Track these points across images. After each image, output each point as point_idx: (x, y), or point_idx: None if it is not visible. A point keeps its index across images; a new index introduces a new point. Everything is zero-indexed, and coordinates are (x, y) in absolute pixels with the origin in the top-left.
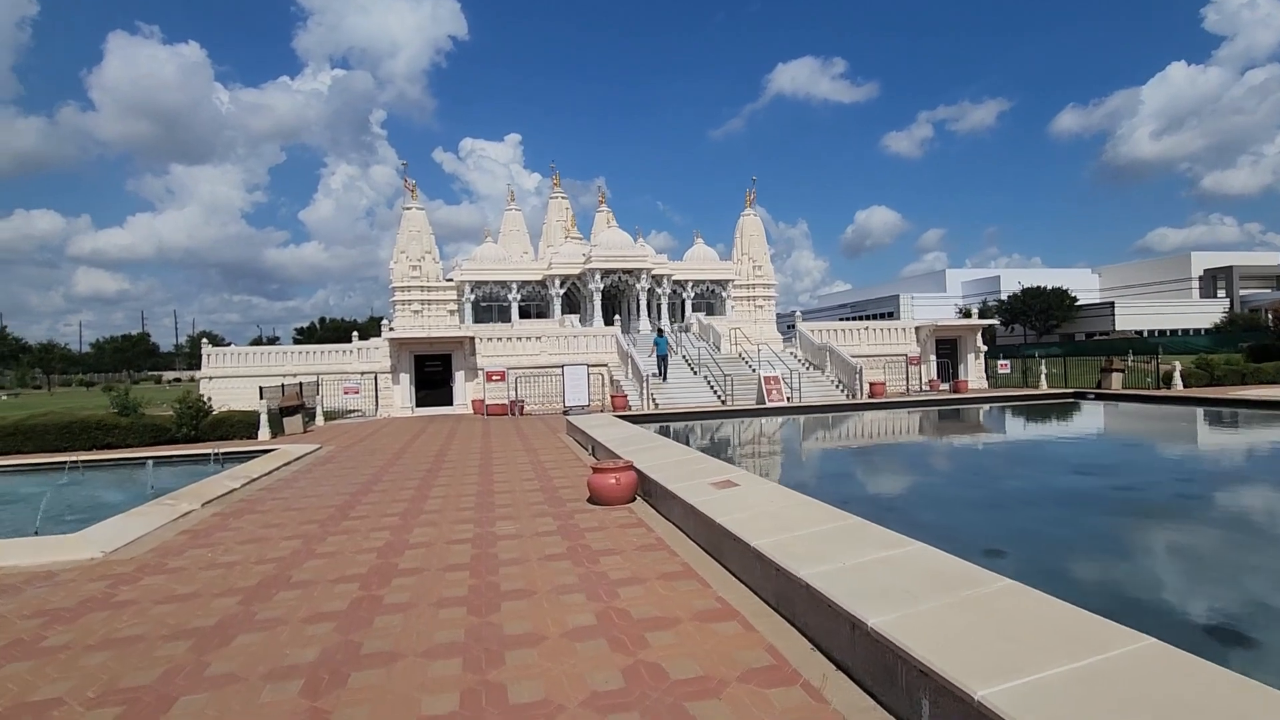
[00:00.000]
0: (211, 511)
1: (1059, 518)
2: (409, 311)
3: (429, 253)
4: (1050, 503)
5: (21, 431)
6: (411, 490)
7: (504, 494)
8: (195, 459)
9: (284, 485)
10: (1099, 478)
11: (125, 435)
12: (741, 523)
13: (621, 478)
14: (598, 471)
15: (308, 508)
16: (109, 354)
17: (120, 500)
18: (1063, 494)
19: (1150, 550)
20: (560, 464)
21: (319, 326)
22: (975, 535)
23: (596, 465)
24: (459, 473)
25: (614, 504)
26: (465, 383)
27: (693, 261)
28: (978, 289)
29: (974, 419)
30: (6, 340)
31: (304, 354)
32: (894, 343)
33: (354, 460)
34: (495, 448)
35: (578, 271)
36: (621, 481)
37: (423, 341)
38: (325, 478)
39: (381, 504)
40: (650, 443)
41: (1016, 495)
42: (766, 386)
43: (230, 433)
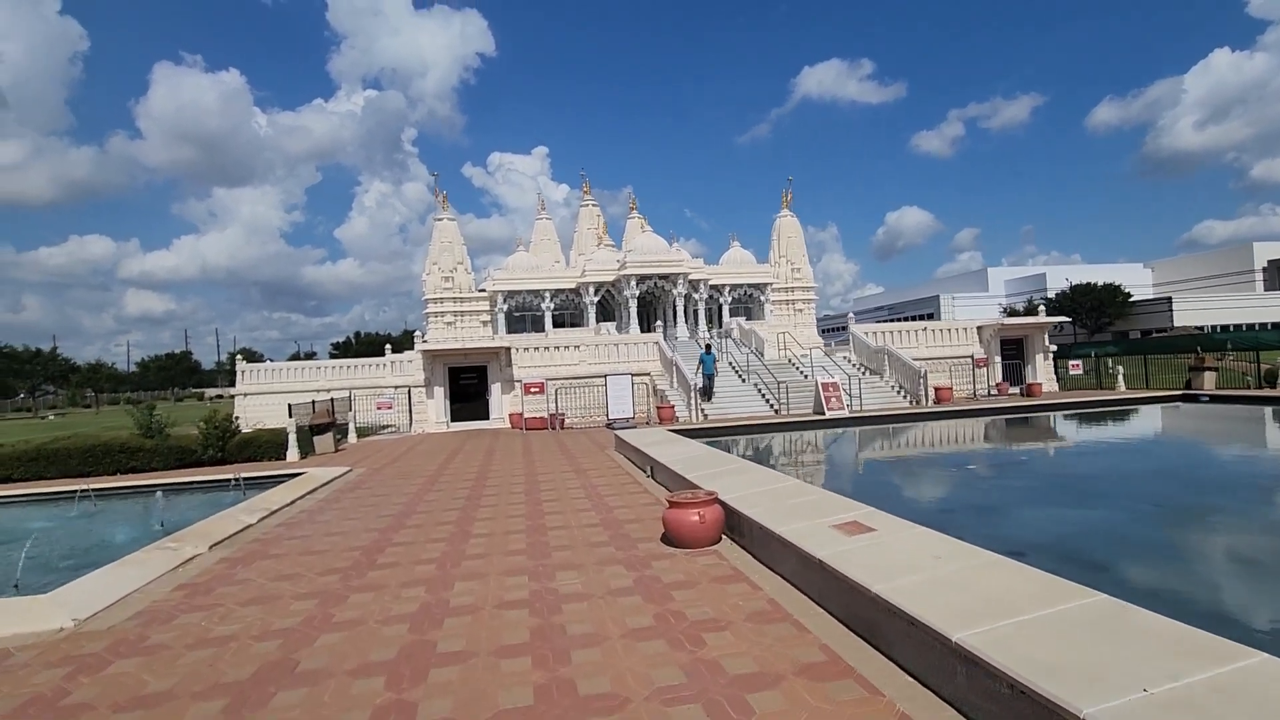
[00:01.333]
0: (218, 556)
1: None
2: (442, 323)
3: (461, 263)
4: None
5: (44, 456)
6: (450, 526)
7: (559, 530)
8: (216, 485)
9: (306, 519)
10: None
11: (150, 458)
12: (910, 594)
13: (706, 514)
14: (676, 506)
15: (329, 550)
16: (154, 372)
17: (125, 540)
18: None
19: None
20: (616, 488)
21: (354, 341)
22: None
23: (674, 498)
24: (503, 501)
25: (697, 547)
26: (501, 395)
27: (729, 265)
28: (1022, 287)
29: (1083, 426)
30: (57, 361)
31: (338, 369)
32: (954, 344)
33: (386, 486)
34: (540, 468)
35: (612, 278)
36: (707, 519)
37: (457, 353)
38: (353, 508)
39: (415, 545)
40: (723, 464)
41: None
42: (825, 394)
43: (258, 454)
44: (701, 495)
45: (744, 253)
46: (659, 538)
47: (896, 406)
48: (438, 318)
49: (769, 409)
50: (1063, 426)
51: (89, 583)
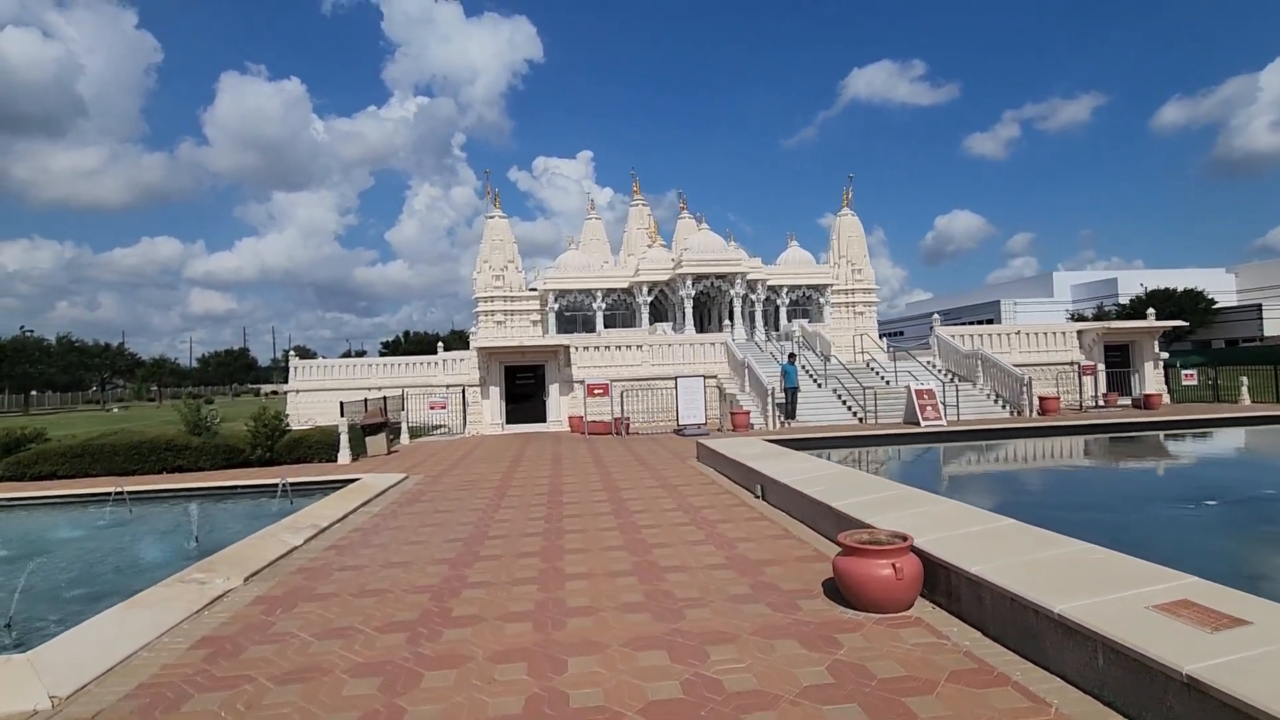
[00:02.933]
0: (254, 594)
1: None
2: (492, 322)
3: (511, 262)
4: None
5: (89, 453)
6: (535, 560)
7: (677, 572)
8: (261, 490)
9: (360, 540)
10: None
11: (196, 457)
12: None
13: (904, 567)
14: (856, 554)
15: (390, 591)
16: (213, 368)
17: (153, 559)
18: None
19: None
20: (723, 511)
21: (403, 340)
22: None
23: (851, 541)
24: (590, 525)
25: (887, 611)
26: (560, 397)
27: (787, 265)
28: (1091, 293)
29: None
30: (124, 356)
31: (389, 366)
32: (1052, 349)
33: (448, 498)
34: (620, 481)
35: (666, 278)
36: (905, 574)
37: (514, 351)
38: (414, 528)
39: (497, 589)
40: (872, 488)
41: None
42: (919, 402)
43: (307, 454)
44: (884, 536)
45: (802, 253)
46: (819, 590)
47: (997, 418)
48: (488, 316)
49: (851, 417)
50: (1250, 446)
51: (87, 633)
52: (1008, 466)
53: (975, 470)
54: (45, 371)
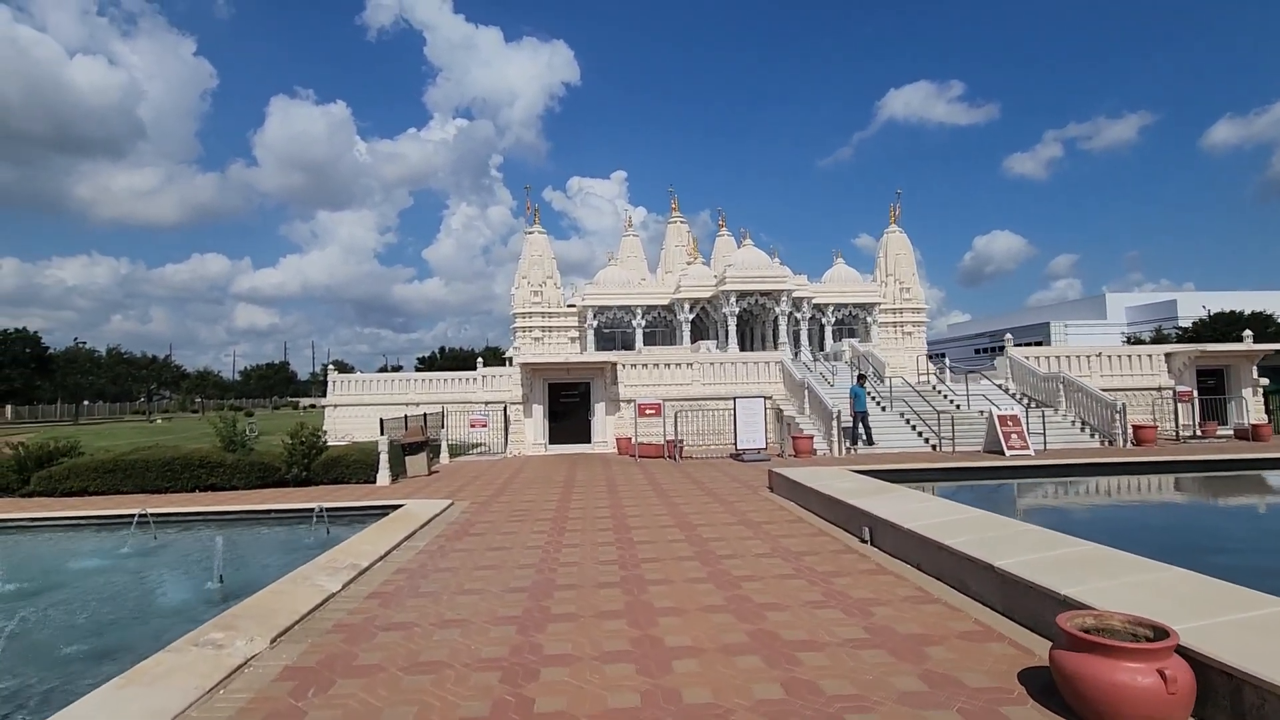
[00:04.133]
0: (280, 665)
1: None
2: (530, 339)
3: (550, 278)
4: None
5: (121, 468)
6: (621, 621)
7: (809, 650)
8: (296, 516)
9: (407, 587)
10: None
11: (230, 475)
12: None
13: (1176, 676)
14: (1095, 652)
15: (449, 665)
16: (255, 381)
17: (171, 602)
18: None
19: None
20: (831, 561)
21: (439, 356)
22: None
23: (1083, 632)
24: (675, 573)
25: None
26: (606, 416)
27: (833, 284)
28: (1148, 315)
29: None
30: (170, 369)
31: (427, 382)
32: (1136, 373)
33: (500, 532)
34: (692, 516)
35: (709, 294)
36: (1178, 685)
37: (559, 368)
38: (467, 572)
39: (583, 666)
40: (1038, 543)
41: None
42: (1004, 429)
43: (345, 474)
44: (1119, 624)
45: (849, 270)
46: (1020, 689)
47: (1087, 448)
48: (525, 333)
49: (923, 444)
50: None
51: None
52: (1170, 511)
53: (1132, 516)
54: (95, 382)
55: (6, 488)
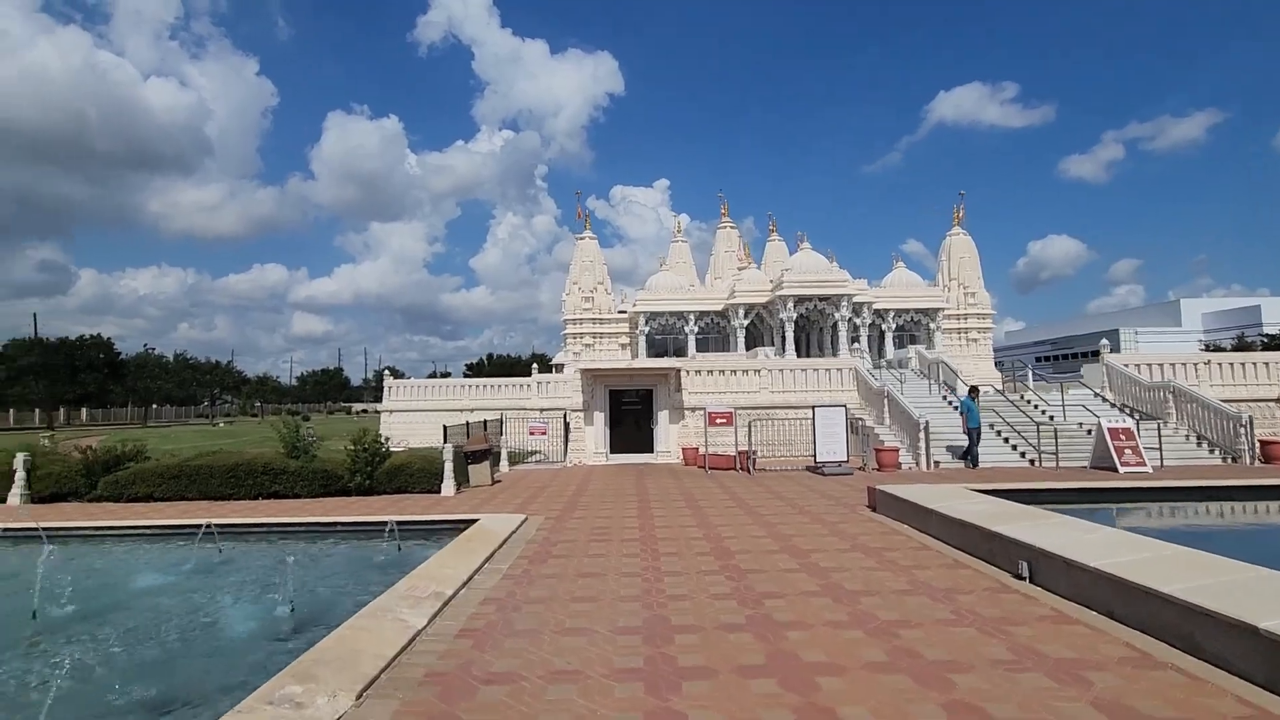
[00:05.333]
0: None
1: None
2: (580, 345)
3: (601, 283)
4: None
5: (186, 474)
6: (771, 682)
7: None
8: (365, 531)
9: (499, 624)
10: None
11: (293, 483)
12: None
13: None
14: None
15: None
16: (310, 387)
17: (237, 635)
18: None
19: None
20: (991, 603)
21: (487, 363)
22: None
23: None
24: (808, 612)
25: None
26: (669, 425)
27: (893, 288)
28: (1228, 321)
29: None
30: (231, 374)
31: (481, 388)
32: (1251, 382)
33: (587, 555)
34: (796, 540)
35: (764, 300)
36: None
37: (621, 374)
38: (562, 605)
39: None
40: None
41: None
42: (1116, 443)
43: (408, 484)
44: None
45: (910, 274)
46: None
47: (1208, 464)
48: (576, 339)
49: (1018, 458)
50: None
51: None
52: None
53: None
54: (163, 387)
55: (74, 492)
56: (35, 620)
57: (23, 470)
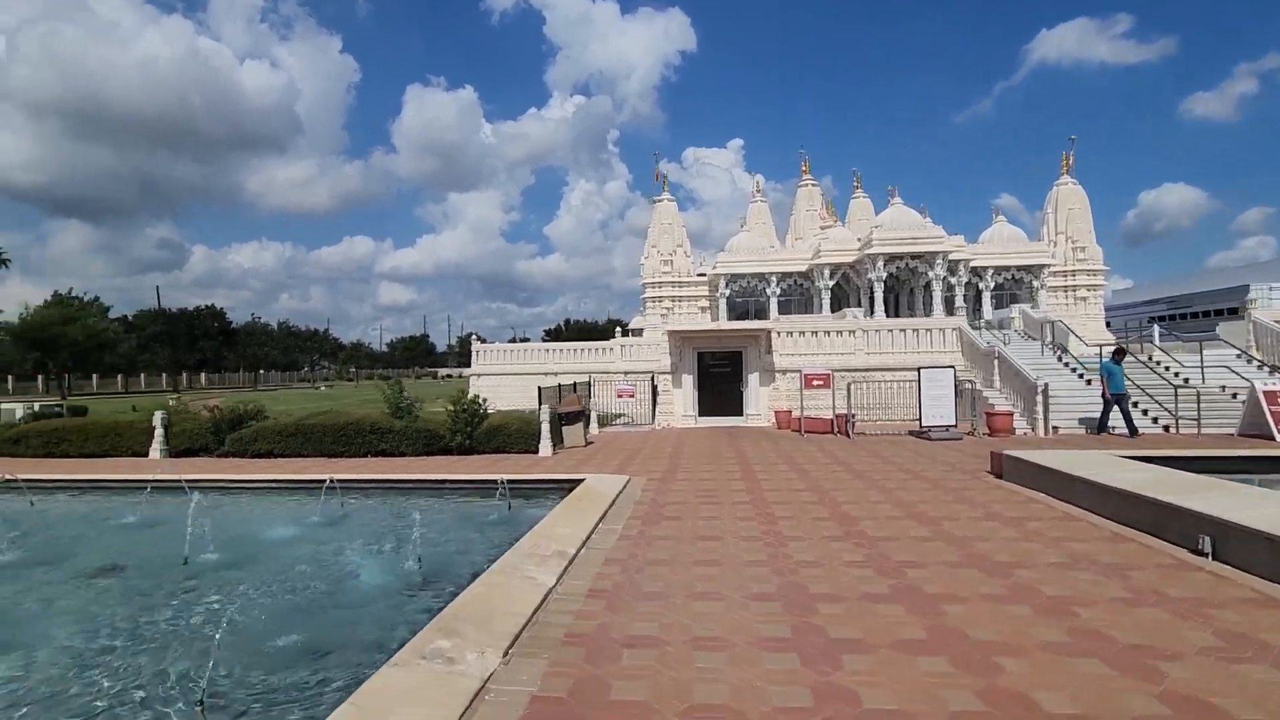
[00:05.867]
0: (526, 694)
1: None
2: (659, 309)
3: (680, 246)
4: None
5: (302, 432)
6: (939, 659)
7: None
8: (475, 488)
9: (626, 586)
10: None
11: (398, 441)
12: None
13: None
14: None
15: (738, 715)
16: (399, 352)
17: (373, 586)
18: None
19: None
20: (1176, 580)
21: (564, 328)
22: None
23: None
24: (957, 584)
25: None
26: (760, 388)
27: (993, 244)
28: None
29: None
30: (328, 341)
31: (566, 352)
32: None
33: (700, 517)
34: (923, 507)
35: (852, 259)
36: None
37: (709, 335)
38: (685, 569)
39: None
40: None
41: None
42: (1273, 409)
43: (506, 444)
44: None
45: (1011, 229)
46: None
47: None
48: (655, 304)
49: (1150, 424)
50: None
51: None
52: None
53: None
54: (269, 353)
55: (205, 447)
56: (186, 565)
57: (161, 427)
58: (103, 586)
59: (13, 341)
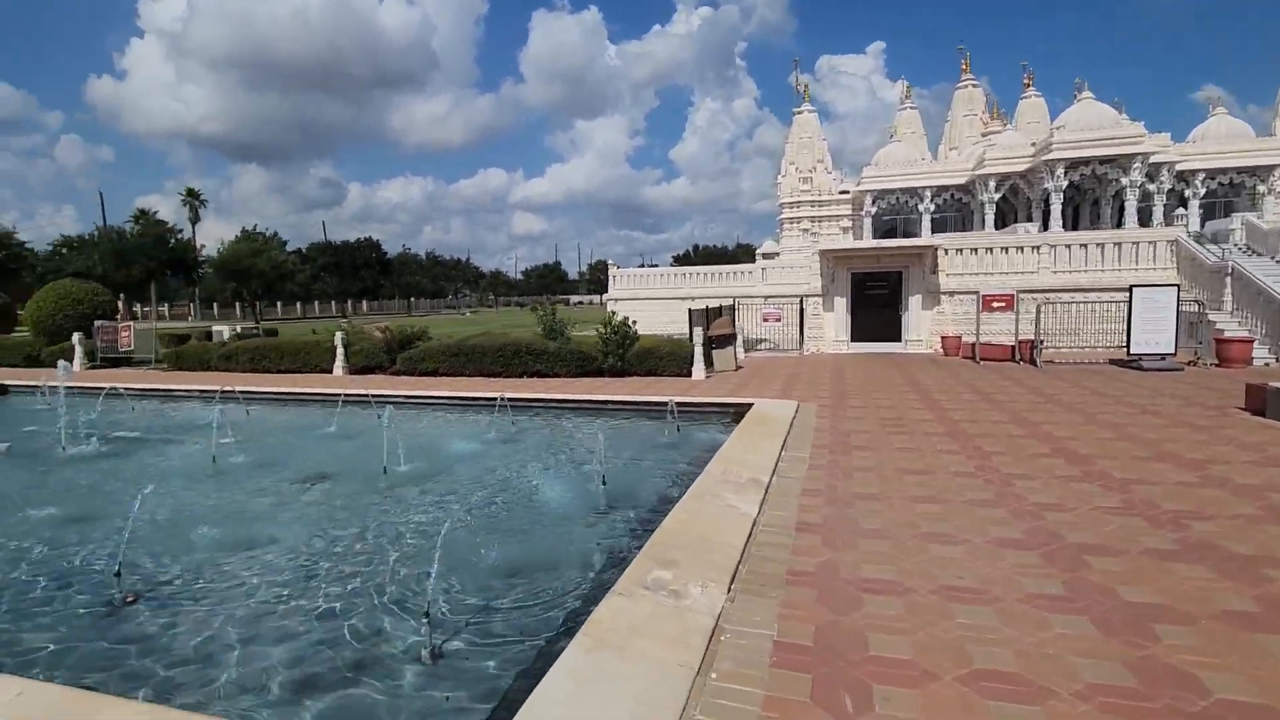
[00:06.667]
0: (766, 637)
1: None
2: (797, 230)
3: (820, 162)
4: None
5: (464, 352)
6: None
7: None
8: (638, 409)
9: (837, 522)
10: None
11: (553, 362)
12: None
13: None
14: None
15: (1051, 694)
16: (534, 280)
17: (562, 503)
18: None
19: None
20: None
21: (693, 253)
22: None
23: None
24: (1270, 544)
25: None
26: (921, 311)
27: (1206, 143)
28: None
29: None
30: (470, 270)
31: (702, 276)
32: None
33: (893, 448)
34: (1169, 446)
35: (1023, 168)
36: None
37: (867, 255)
38: (903, 507)
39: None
40: None
41: None
42: None
43: (658, 366)
44: None
45: (1234, 123)
46: None
47: None
48: (793, 225)
49: None
50: None
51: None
52: None
53: None
54: (419, 281)
55: (379, 365)
56: (386, 475)
57: (341, 347)
58: (319, 491)
59: (215, 273)
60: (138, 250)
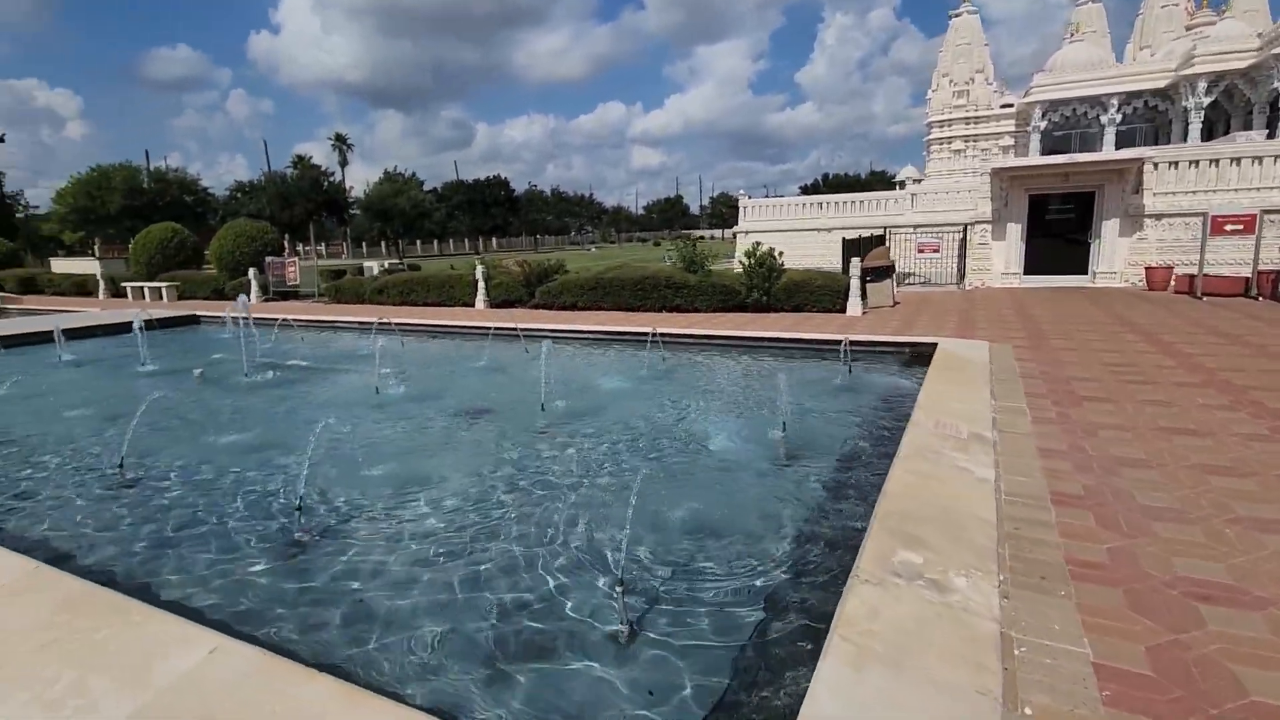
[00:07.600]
0: (1083, 657)
1: None
2: (947, 151)
3: (980, 71)
4: None
5: (601, 286)
6: None
7: None
8: (811, 349)
9: (1104, 494)
10: None
11: (693, 297)
12: None
13: None
14: None
15: None
16: (656, 214)
17: (733, 450)
18: None
19: None
20: None
21: (822, 183)
22: None
23: None
24: None
25: None
26: (1118, 238)
27: None
28: None
29: None
30: (593, 205)
31: (841, 205)
32: None
33: (1134, 400)
34: None
35: (1245, 64)
36: None
37: (1054, 172)
38: (1188, 476)
39: None
40: None
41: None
42: None
43: (807, 301)
44: None
45: None
46: None
47: None
48: (942, 145)
49: None
50: None
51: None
52: None
53: None
54: (545, 218)
55: (518, 299)
56: (544, 412)
57: (482, 281)
58: (481, 428)
59: (362, 213)
60: (298, 193)
